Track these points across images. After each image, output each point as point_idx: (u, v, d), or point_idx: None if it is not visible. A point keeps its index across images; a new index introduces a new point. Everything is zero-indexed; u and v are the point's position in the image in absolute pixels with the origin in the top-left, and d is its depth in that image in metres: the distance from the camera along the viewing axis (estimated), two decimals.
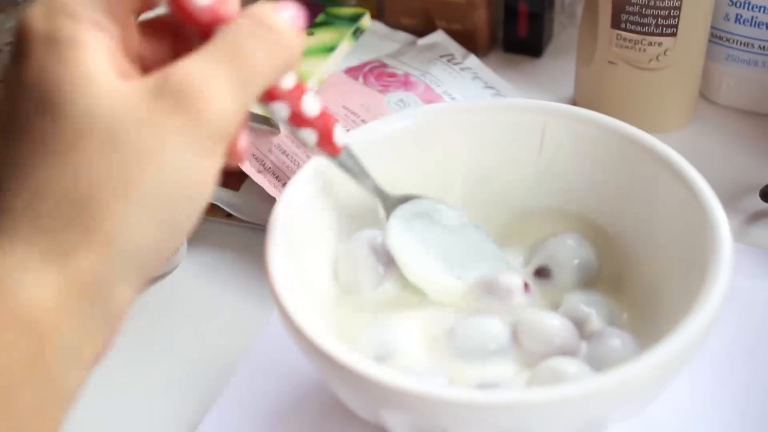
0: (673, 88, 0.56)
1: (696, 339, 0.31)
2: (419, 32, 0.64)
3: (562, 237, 0.42)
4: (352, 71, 0.56)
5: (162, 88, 0.27)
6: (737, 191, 0.52)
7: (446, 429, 0.31)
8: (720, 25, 0.56)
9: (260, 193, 0.48)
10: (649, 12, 0.52)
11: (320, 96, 0.54)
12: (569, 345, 0.37)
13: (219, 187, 0.51)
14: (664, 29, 0.53)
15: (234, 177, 0.51)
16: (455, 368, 0.37)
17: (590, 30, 0.56)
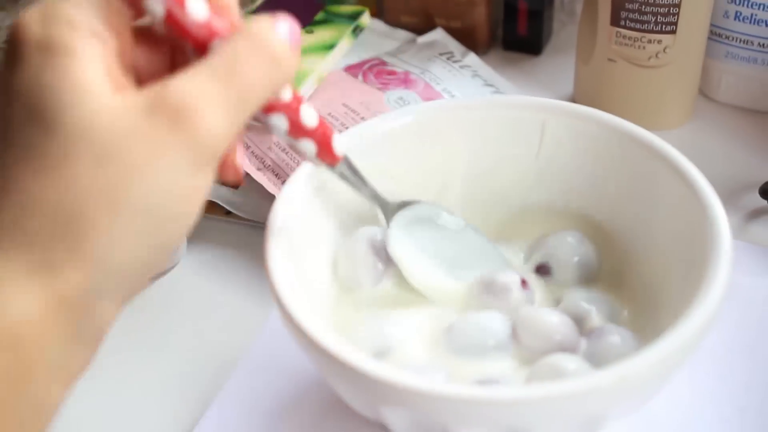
0: (673, 86, 0.56)
1: (695, 335, 0.31)
2: (419, 30, 0.64)
3: (562, 234, 0.42)
4: (352, 69, 0.56)
5: (156, 104, 0.27)
6: (737, 188, 0.52)
7: (446, 425, 0.31)
8: (719, 23, 0.56)
9: (260, 191, 0.48)
10: (649, 9, 0.52)
11: (320, 94, 0.54)
12: (569, 341, 0.37)
13: (218, 185, 0.51)
14: (664, 27, 0.53)
15: None
16: (454, 364, 0.37)
17: (590, 27, 0.56)
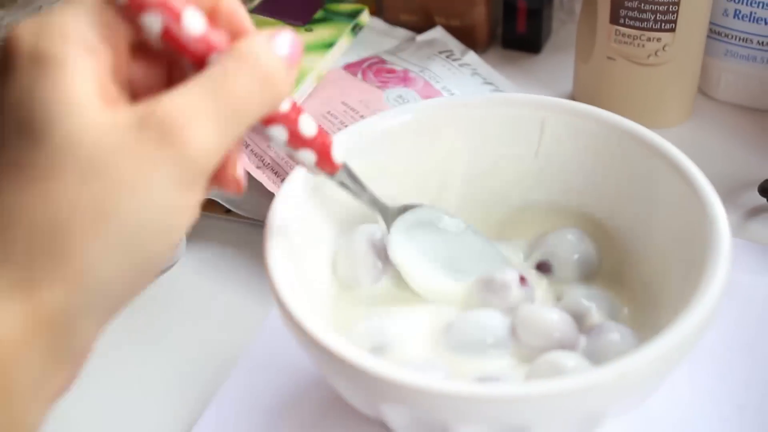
0: (672, 84, 0.56)
1: (694, 333, 0.31)
2: (418, 29, 0.64)
3: (562, 232, 0.42)
4: (351, 67, 0.56)
5: (146, 121, 0.26)
6: (736, 186, 0.52)
7: (446, 422, 0.31)
8: (719, 21, 0.56)
9: (259, 189, 0.48)
10: (648, 7, 0.52)
11: (319, 92, 0.54)
12: (568, 339, 0.37)
13: None
14: (663, 25, 0.53)
15: None
16: (454, 362, 0.37)
17: (589, 26, 0.56)
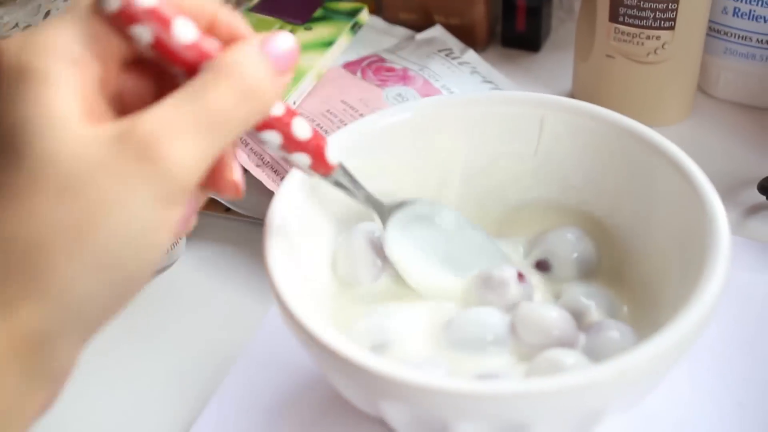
0: (672, 82, 0.56)
1: (693, 330, 0.31)
2: (417, 27, 0.64)
3: (562, 231, 0.42)
4: (351, 66, 0.56)
5: (125, 137, 0.26)
6: (735, 184, 0.52)
7: (445, 420, 0.31)
8: (718, 19, 0.56)
9: (259, 187, 0.48)
10: (647, 5, 0.52)
11: (318, 90, 0.54)
12: (567, 337, 0.37)
13: None
14: (662, 23, 0.53)
15: None
16: (453, 359, 0.37)
17: (588, 24, 0.56)
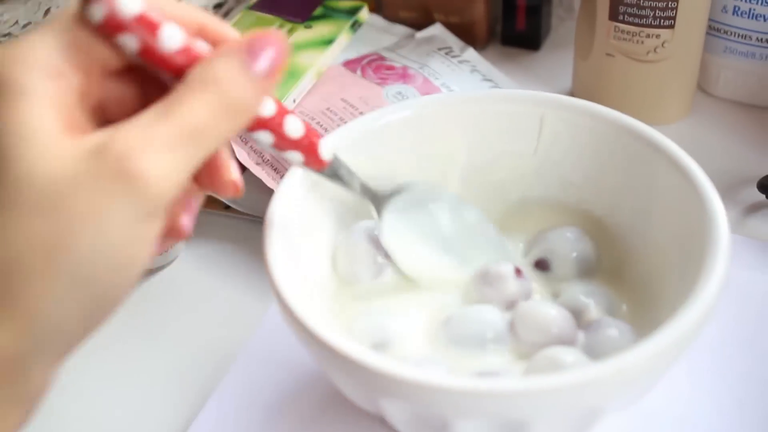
0: (671, 81, 0.56)
1: (692, 328, 0.31)
2: (417, 25, 0.64)
3: (561, 230, 0.42)
4: (351, 64, 0.56)
5: (102, 152, 0.25)
6: (735, 183, 0.52)
7: (445, 417, 0.31)
8: (718, 18, 0.56)
9: (258, 185, 0.48)
10: (647, 4, 0.52)
11: (318, 88, 0.54)
12: (566, 334, 0.37)
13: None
14: (662, 21, 0.53)
15: None
16: (453, 357, 0.37)
17: (588, 23, 0.56)
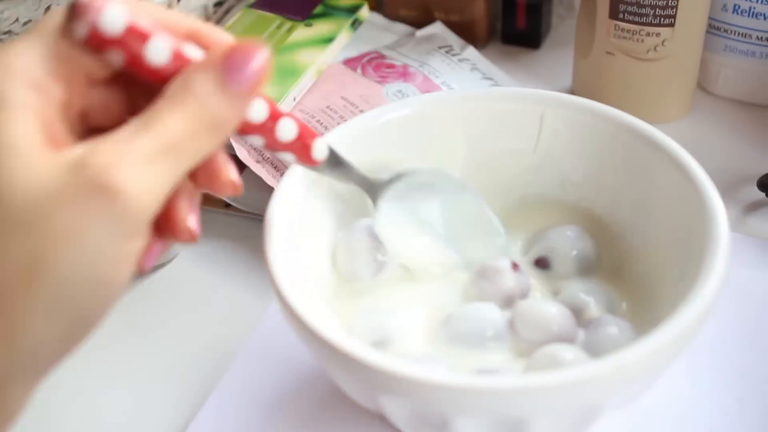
0: (671, 79, 0.56)
1: (692, 326, 0.31)
2: (418, 24, 0.64)
3: (561, 228, 0.42)
4: (351, 62, 0.56)
5: (81, 165, 0.25)
6: (735, 181, 0.52)
7: (445, 414, 0.31)
8: (718, 16, 0.56)
9: (259, 183, 0.49)
10: (647, 2, 0.52)
11: (319, 87, 0.54)
12: (566, 332, 0.37)
13: None
14: (662, 20, 0.53)
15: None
16: (453, 355, 0.37)
17: (588, 21, 0.56)
